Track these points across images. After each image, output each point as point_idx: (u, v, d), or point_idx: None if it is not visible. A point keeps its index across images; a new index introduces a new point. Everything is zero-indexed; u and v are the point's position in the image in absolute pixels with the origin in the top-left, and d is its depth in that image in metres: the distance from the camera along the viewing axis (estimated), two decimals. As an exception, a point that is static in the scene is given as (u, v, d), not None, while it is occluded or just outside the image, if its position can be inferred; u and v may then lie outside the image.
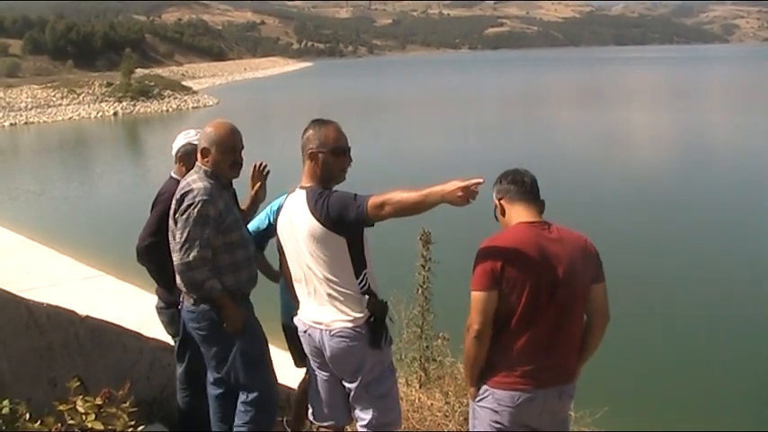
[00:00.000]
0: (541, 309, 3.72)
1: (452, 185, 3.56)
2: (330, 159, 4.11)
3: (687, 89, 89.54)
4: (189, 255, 4.29)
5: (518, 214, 3.89)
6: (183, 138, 5.25)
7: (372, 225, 3.95)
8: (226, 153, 4.52)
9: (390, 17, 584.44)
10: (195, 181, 4.43)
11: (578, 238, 3.86)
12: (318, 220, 3.98)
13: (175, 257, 4.34)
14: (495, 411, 3.87)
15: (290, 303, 4.50)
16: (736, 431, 10.13)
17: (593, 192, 27.17)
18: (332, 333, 4.12)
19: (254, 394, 4.52)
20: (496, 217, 4.01)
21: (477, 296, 3.75)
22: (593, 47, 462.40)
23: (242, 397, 4.56)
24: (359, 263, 4.08)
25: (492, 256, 3.74)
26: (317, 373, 4.35)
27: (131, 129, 61.93)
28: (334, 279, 4.09)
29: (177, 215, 4.37)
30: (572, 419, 5.86)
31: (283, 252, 4.33)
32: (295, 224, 4.14)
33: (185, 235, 4.29)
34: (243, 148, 4.59)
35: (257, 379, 4.56)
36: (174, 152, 5.27)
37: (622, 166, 33.60)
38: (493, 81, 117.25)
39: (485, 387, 3.92)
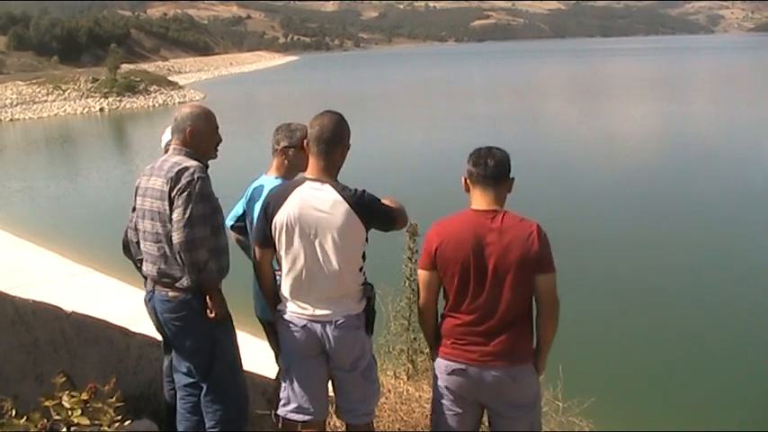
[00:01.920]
0: (472, 293, 4.00)
1: None
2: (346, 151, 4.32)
3: (675, 79, 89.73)
4: (192, 233, 4.19)
5: (474, 199, 4.10)
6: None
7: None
8: (215, 133, 4.53)
9: (376, 10, 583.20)
10: (185, 160, 4.34)
11: (524, 228, 3.97)
12: (359, 215, 4.10)
13: (176, 236, 4.21)
14: (438, 377, 4.22)
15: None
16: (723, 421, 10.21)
17: (582, 182, 27.22)
18: (337, 324, 4.20)
19: (226, 389, 4.51)
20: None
21: (419, 274, 4.18)
22: (579, 38, 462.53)
23: (210, 392, 4.52)
24: (362, 256, 4.27)
25: (431, 240, 4.09)
26: (305, 366, 4.34)
27: (118, 124, 61.68)
28: (346, 272, 4.20)
29: (175, 193, 4.24)
30: (560, 409, 5.90)
31: (269, 244, 4.28)
32: (314, 217, 4.13)
33: (188, 212, 4.19)
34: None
35: (232, 372, 4.56)
36: (163, 144, 5.26)
37: (611, 157, 33.68)
38: (480, 73, 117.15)
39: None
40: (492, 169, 4.05)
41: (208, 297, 4.37)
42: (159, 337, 5.29)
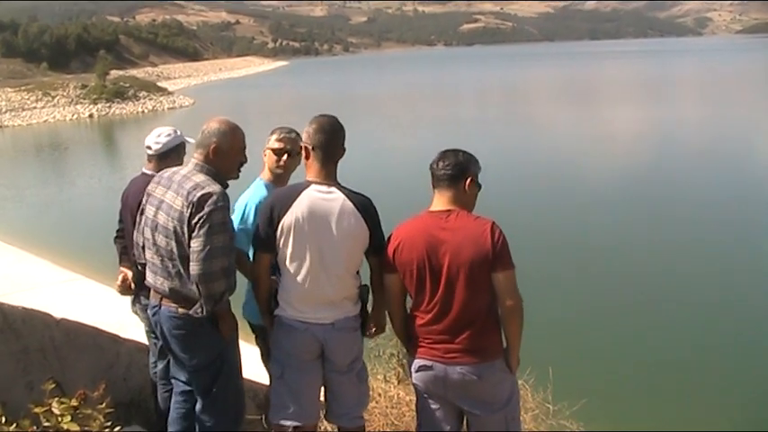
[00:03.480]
0: (429, 292, 4.08)
1: None
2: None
3: (664, 81, 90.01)
4: (212, 265, 4.08)
5: (433, 200, 4.20)
6: (158, 136, 5.25)
7: None
8: (238, 153, 4.38)
9: (365, 15, 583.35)
10: (207, 183, 4.19)
11: (477, 226, 4.05)
12: (365, 219, 4.20)
13: (195, 267, 4.08)
14: (411, 376, 4.31)
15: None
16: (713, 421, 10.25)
17: (571, 185, 27.26)
18: (337, 326, 4.26)
19: (225, 403, 4.47)
20: None
21: (383, 277, 4.27)
22: (568, 41, 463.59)
23: (208, 408, 4.47)
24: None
25: (390, 243, 4.20)
26: (301, 370, 4.35)
27: (107, 131, 61.56)
28: (349, 277, 4.29)
29: (196, 221, 4.10)
30: (550, 412, 5.92)
31: (270, 249, 4.27)
32: (324, 220, 4.17)
33: (209, 245, 4.06)
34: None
35: (234, 391, 4.53)
36: (147, 146, 5.25)
37: (602, 159, 33.77)
38: (469, 76, 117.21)
39: None
40: (445, 170, 4.13)
41: (220, 320, 4.31)
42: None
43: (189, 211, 4.12)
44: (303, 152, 4.31)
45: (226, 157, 4.31)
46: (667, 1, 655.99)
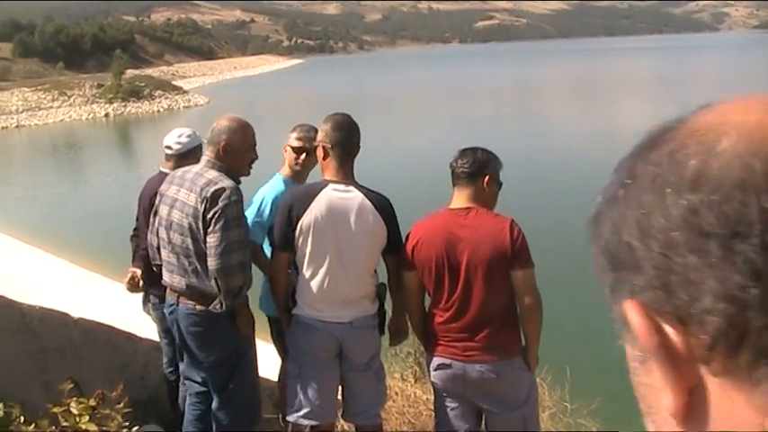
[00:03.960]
0: (448, 289, 4.05)
1: None
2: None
3: (682, 78, 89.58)
4: (230, 259, 4.11)
5: (453, 199, 4.18)
6: (178, 136, 5.26)
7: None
8: (248, 150, 4.41)
9: (380, 13, 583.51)
10: (220, 179, 4.22)
11: (496, 224, 4.03)
12: (383, 218, 4.21)
13: (213, 262, 4.12)
14: (430, 374, 4.29)
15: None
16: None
17: (588, 183, 27.16)
18: (355, 325, 4.26)
19: (242, 399, 4.47)
20: None
21: (402, 275, 4.26)
22: (583, 38, 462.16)
23: (224, 406, 4.48)
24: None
25: (408, 240, 4.18)
26: (319, 369, 4.35)
27: (123, 130, 61.78)
28: (367, 274, 4.30)
29: (211, 216, 4.13)
30: (567, 410, 5.89)
31: (289, 247, 4.27)
32: (343, 219, 4.17)
33: (225, 239, 4.10)
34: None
35: (250, 388, 4.55)
36: (165, 146, 5.26)
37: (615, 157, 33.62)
38: (485, 74, 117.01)
39: None
40: (463, 168, 4.11)
41: (237, 315, 4.34)
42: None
43: (203, 206, 4.14)
44: (320, 151, 4.29)
45: (236, 155, 4.33)
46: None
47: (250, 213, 4.68)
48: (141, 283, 5.17)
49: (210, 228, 4.12)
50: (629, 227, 0.59)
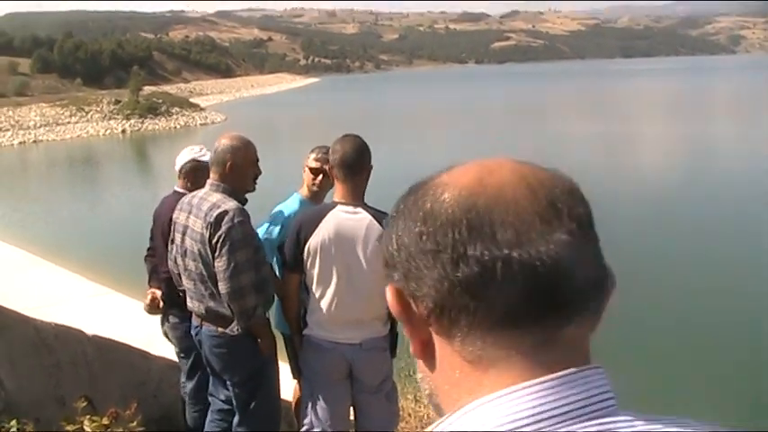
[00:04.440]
0: None
1: None
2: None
3: (698, 100, 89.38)
4: (239, 281, 4.15)
5: None
6: (189, 153, 5.26)
7: None
8: (252, 165, 4.46)
9: (397, 32, 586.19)
10: (223, 201, 4.26)
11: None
12: None
13: (223, 286, 4.17)
14: None
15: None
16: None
17: (606, 201, 27.13)
18: (365, 346, 4.24)
19: (262, 418, 4.50)
20: None
21: None
22: (599, 59, 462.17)
23: (245, 424, 4.51)
24: None
25: None
26: (330, 390, 4.34)
27: (140, 146, 62.05)
28: (377, 295, 4.15)
29: (216, 240, 4.18)
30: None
31: (299, 269, 4.28)
32: (350, 240, 4.16)
33: (232, 262, 4.13)
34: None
35: (271, 408, 4.57)
36: (178, 167, 5.27)
37: (633, 178, 33.58)
38: (502, 94, 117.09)
39: None
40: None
41: (258, 336, 4.38)
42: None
43: (208, 231, 4.19)
44: (331, 173, 4.32)
45: (241, 172, 4.39)
46: (700, 18, 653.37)
47: (261, 230, 4.73)
48: (161, 304, 5.19)
49: (217, 252, 4.18)
50: (392, 242, 0.94)
